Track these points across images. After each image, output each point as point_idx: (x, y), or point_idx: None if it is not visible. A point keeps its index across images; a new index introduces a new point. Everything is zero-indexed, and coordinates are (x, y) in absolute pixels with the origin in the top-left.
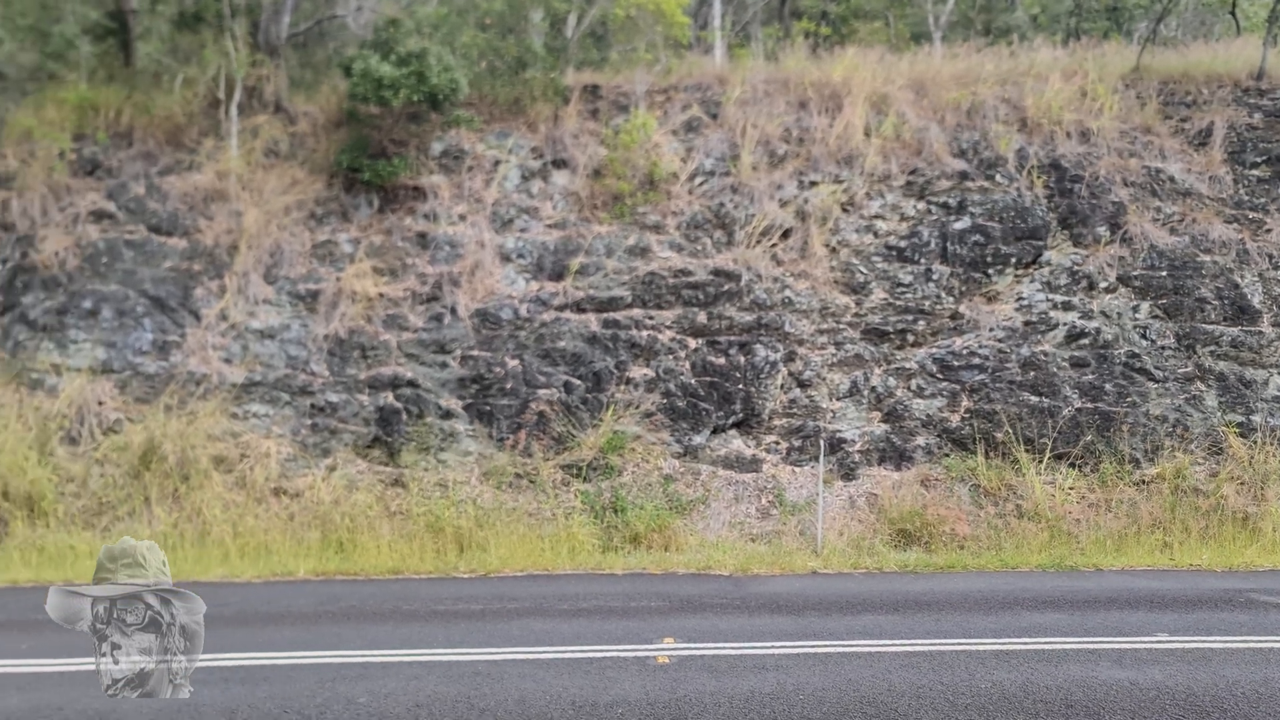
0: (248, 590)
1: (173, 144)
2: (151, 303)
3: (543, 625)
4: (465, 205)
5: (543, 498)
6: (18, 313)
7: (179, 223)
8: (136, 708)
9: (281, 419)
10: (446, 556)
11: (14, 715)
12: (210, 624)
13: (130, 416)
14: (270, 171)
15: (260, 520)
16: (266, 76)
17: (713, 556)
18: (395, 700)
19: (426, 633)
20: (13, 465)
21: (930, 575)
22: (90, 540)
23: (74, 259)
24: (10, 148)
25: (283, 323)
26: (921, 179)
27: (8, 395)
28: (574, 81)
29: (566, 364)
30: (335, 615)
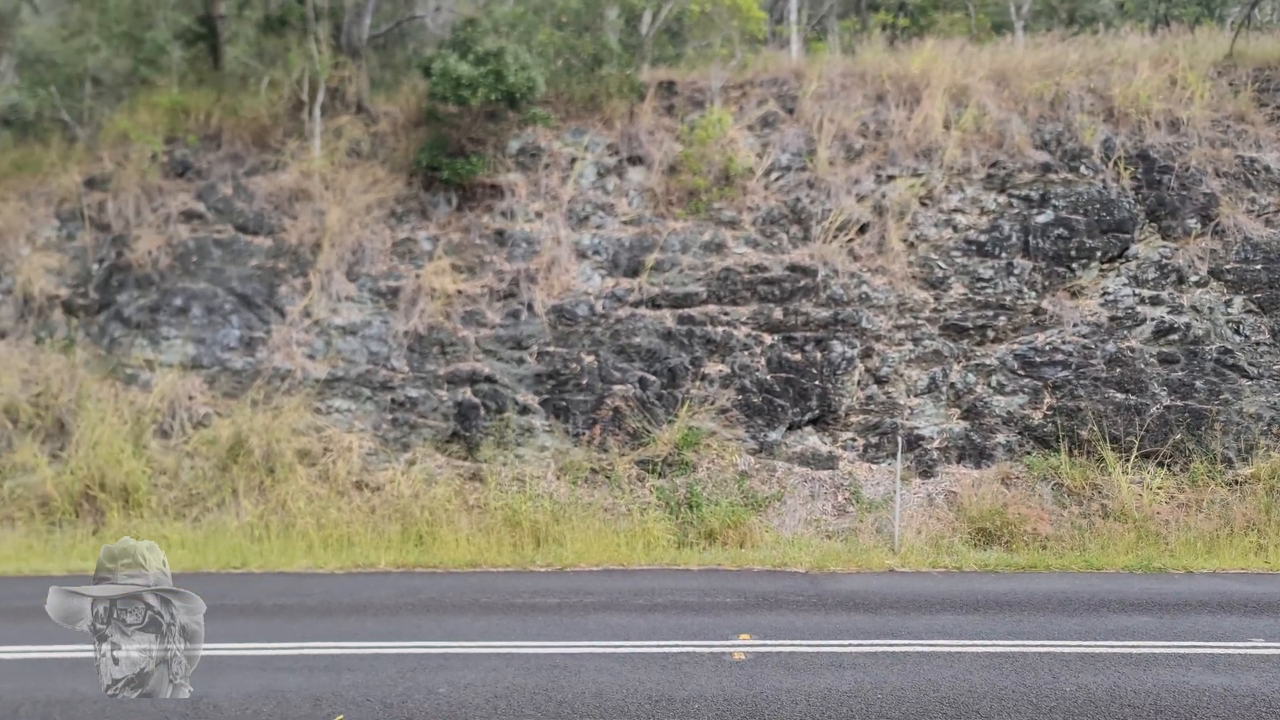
0: (331, 581)
1: (259, 145)
2: (239, 300)
3: (619, 620)
4: (542, 202)
5: (618, 493)
6: (113, 310)
7: (265, 222)
8: (228, 692)
9: (363, 414)
10: (523, 550)
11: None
12: (296, 613)
13: (219, 411)
14: (352, 171)
15: (343, 513)
16: (348, 78)
17: (788, 553)
18: (474, 691)
19: (504, 625)
20: (109, 457)
21: (1011, 575)
22: (182, 530)
23: (166, 258)
24: (106, 150)
25: (364, 319)
26: (1002, 172)
27: (104, 390)
28: (649, 78)
29: (642, 360)
30: (415, 607)
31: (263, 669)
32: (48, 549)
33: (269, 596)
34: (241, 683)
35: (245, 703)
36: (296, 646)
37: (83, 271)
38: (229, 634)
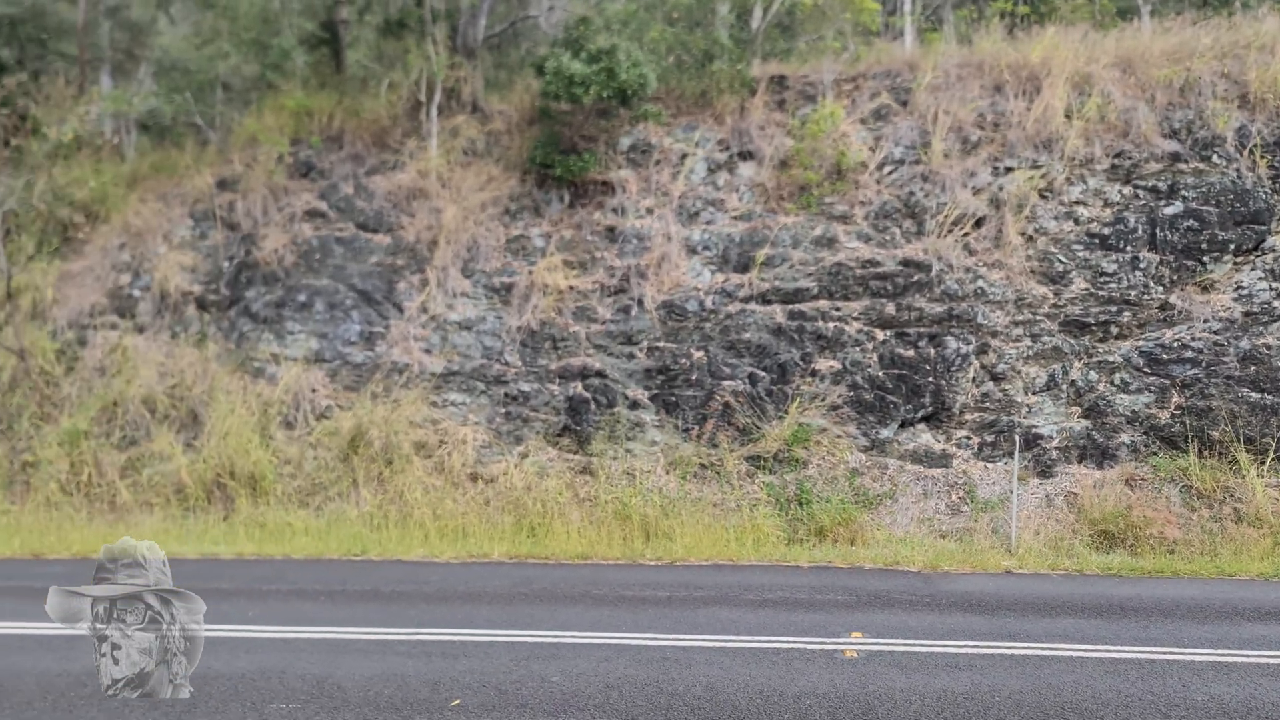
0: (447, 570)
1: (379, 145)
2: (359, 296)
3: (729, 614)
4: (652, 198)
5: (727, 489)
6: (242, 306)
7: (384, 220)
8: (350, 673)
9: (477, 407)
10: (633, 544)
11: (243, 676)
12: (413, 600)
13: (340, 403)
14: (468, 169)
15: (457, 504)
16: (464, 78)
17: (900, 552)
18: (587, 680)
19: (615, 617)
20: (238, 447)
21: (1136, 580)
22: (305, 518)
23: (291, 255)
24: (236, 153)
25: (479, 315)
26: (1128, 162)
27: (234, 383)
28: (760, 73)
29: (751, 356)
30: (528, 597)
31: (383, 653)
32: (182, 533)
33: (387, 584)
34: (363, 665)
35: (367, 684)
36: (414, 632)
37: (214, 269)
38: (350, 619)
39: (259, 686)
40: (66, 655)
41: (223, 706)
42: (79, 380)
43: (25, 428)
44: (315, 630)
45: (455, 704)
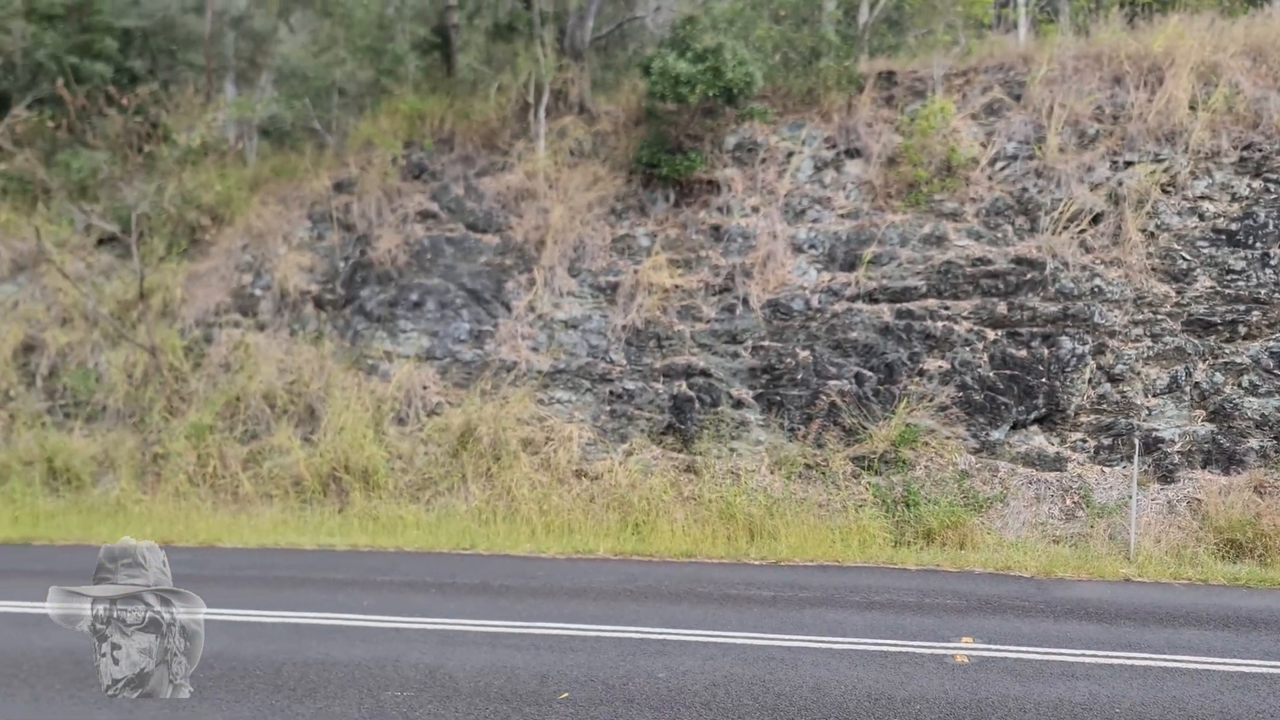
0: (553, 565)
1: (488, 147)
2: (469, 295)
3: (835, 616)
4: (758, 197)
5: (832, 489)
6: (357, 305)
7: (493, 220)
8: (461, 664)
9: (583, 405)
10: (737, 543)
11: (360, 664)
12: (521, 594)
13: (450, 400)
14: (574, 170)
15: (563, 500)
16: (571, 80)
17: (1012, 557)
18: (693, 678)
19: (720, 615)
20: (353, 442)
21: (1266, 591)
22: (416, 512)
23: (403, 255)
24: (352, 156)
25: (584, 313)
26: (1258, 154)
27: (349, 380)
28: (868, 69)
29: (858, 355)
30: (634, 593)
31: (492, 645)
32: (300, 524)
33: (495, 577)
34: (473, 656)
35: (477, 675)
36: (522, 625)
37: (331, 269)
38: (460, 610)
39: (374, 674)
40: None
41: (341, 692)
42: (205, 376)
43: (156, 421)
44: (427, 621)
45: (563, 697)
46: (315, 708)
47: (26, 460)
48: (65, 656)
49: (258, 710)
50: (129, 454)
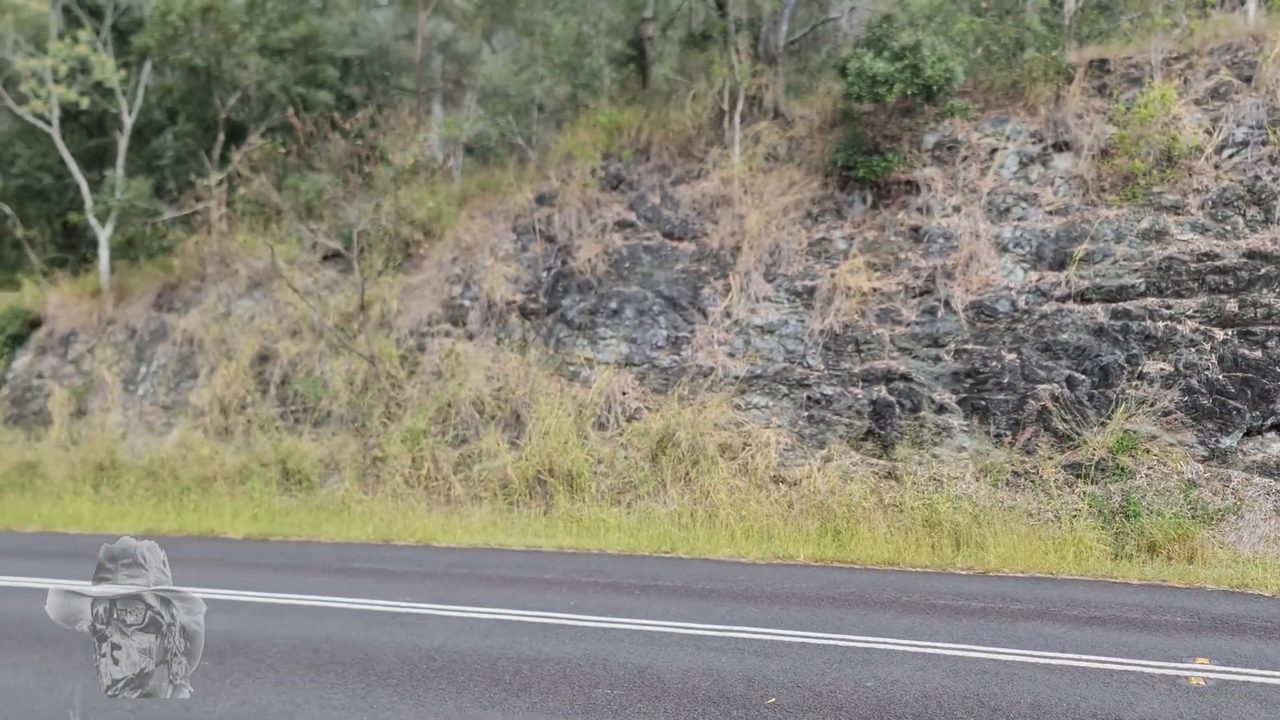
0: (753, 570)
1: (684, 155)
2: (666, 302)
3: (1051, 630)
4: (959, 196)
5: (1043, 498)
6: (559, 314)
7: (689, 228)
8: (668, 665)
9: (780, 410)
10: (942, 552)
11: (570, 661)
12: (723, 598)
13: (648, 406)
14: (769, 175)
15: (762, 506)
16: (766, 85)
17: (1249, 573)
18: (902, 688)
19: (927, 625)
20: (557, 446)
21: None
22: (618, 515)
23: (603, 264)
24: (553, 169)
25: (781, 318)
26: None
27: (552, 386)
28: (1077, 58)
29: (1069, 358)
30: (836, 600)
31: (697, 647)
32: (508, 525)
33: (697, 580)
34: (679, 658)
35: (684, 677)
36: (725, 629)
37: (534, 279)
38: (665, 612)
39: (585, 672)
40: (418, 631)
41: (554, 688)
42: (419, 383)
43: (375, 426)
44: (631, 622)
45: (771, 702)
46: (531, 701)
47: (263, 462)
48: (303, 644)
49: (478, 701)
50: (352, 457)
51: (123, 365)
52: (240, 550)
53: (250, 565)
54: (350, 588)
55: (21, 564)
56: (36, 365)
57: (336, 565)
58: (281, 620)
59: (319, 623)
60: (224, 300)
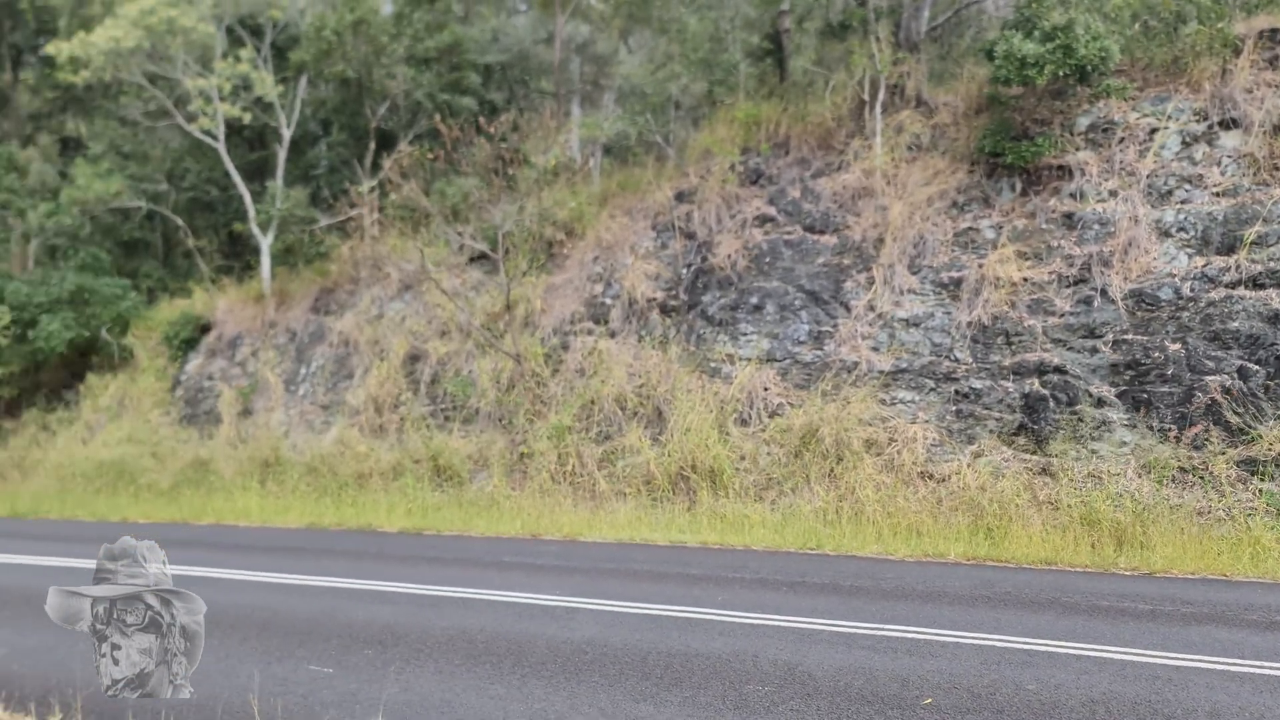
0: (902, 568)
1: (823, 148)
2: (807, 296)
3: (1228, 635)
4: (1116, 180)
5: (1214, 496)
6: (699, 310)
7: (830, 221)
8: (818, 663)
9: (927, 405)
10: (1103, 551)
11: (720, 657)
12: (872, 595)
13: (790, 401)
14: (913, 165)
15: (909, 502)
16: (907, 73)
17: None
18: (1066, 692)
19: (1090, 628)
20: (699, 443)
21: None
22: (761, 511)
23: (743, 260)
24: (691, 166)
25: (926, 311)
26: None
27: (694, 382)
28: (1245, 29)
29: (1241, 347)
30: (991, 600)
31: (847, 645)
32: (653, 521)
33: (844, 578)
34: (829, 656)
35: (835, 675)
36: (876, 627)
37: (674, 276)
38: (812, 610)
39: (735, 668)
40: (568, 624)
41: (705, 683)
42: (563, 380)
43: (521, 422)
44: (780, 618)
45: (927, 703)
46: (682, 696)
47: (415, 458)
48: (459, 635)
49: (629, 695)
50: (499, 453)
51: (284, 366)
52: (395, 544)
53: (406, 558)
54: (501, 581)
55: (199, 555)
56: (207, 367)
57: (487, 559)
58: (438, 611)
59: (473, 615)
60: (377, 303)
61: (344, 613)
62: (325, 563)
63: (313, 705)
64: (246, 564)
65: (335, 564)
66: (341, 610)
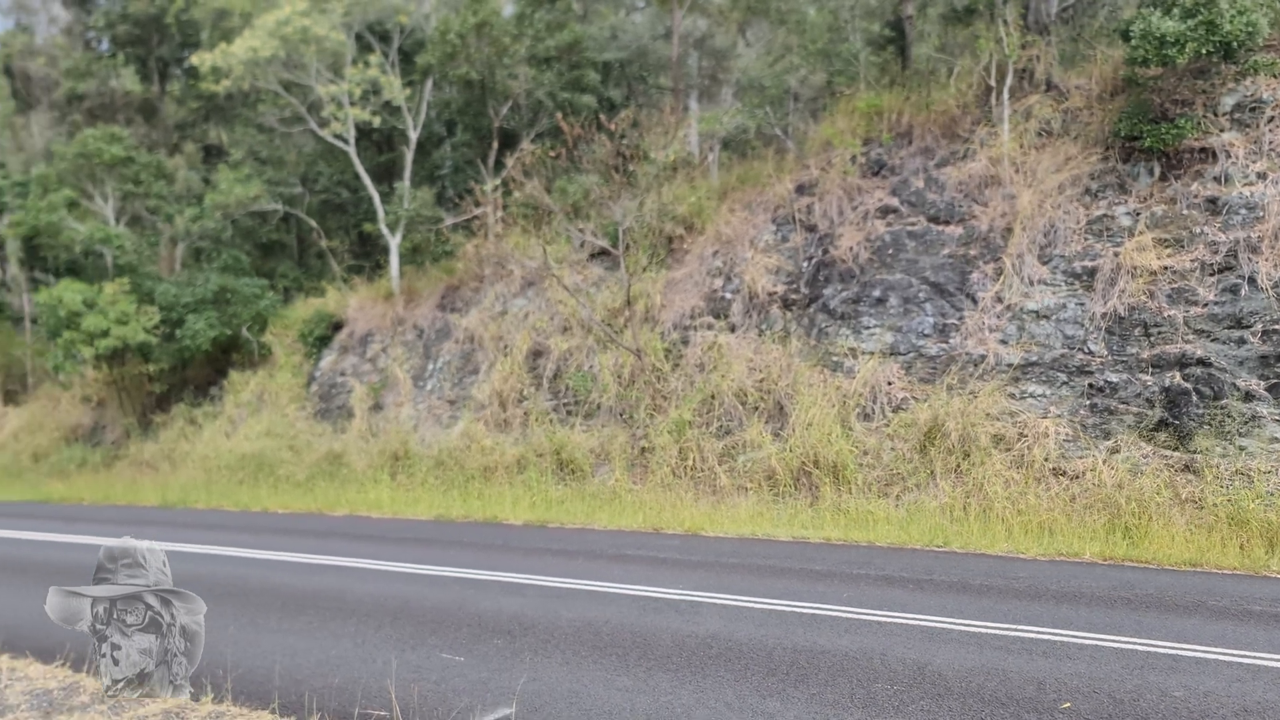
0: (1034, 567)
1: (948, 136)
2: (931, 289)
3: None
4: (1265, 161)
5: None
6: (820, 303)
7: (955, 211)
8: (948, 663)
9: (1058, 399)
10: (1253, 553)
11: (847, 654)
12: (1003, 595)
13: (915, 396)
14: (1042, 151)
15: (1040, 499)
16: (1036, 56)
17: None
18: (1216, 700)
19: (1242, 633)
20: (821, 438)
21: None
22: (885, 507)
23: (865, 252)
24: (811, 158)
25: (1058, 302)
26: None
27: (815, 376)
28: None
29: None
30: (1131, 602)
31: (979, 646)
32: (774, 516)
33: (973, 576)
34: (959, 656)
35: (967, 676)
36: (1008, 628)
37: (795, 269)
38: (940, 608)
39: (862, 666)
40: (693, 618)
41: (832, 680)
42: (683, 375)
43: (642, 417)
44: (907, 616)
45: (1065, 707)
46: (809, 693)
47: (539, 452)
48: (585, 627)
49: (756, 690)
50: (621, 447)
51: (412, 362)
52: (521, 536)
53: (531, 551)
54: (624, 574)
55: (336, 545)
56: (339, 364)
57: (610, 552)
58: (564, 603)
59: (598, 607)
60: (500, 300)
61: (473, 603)
62: (453, 554)
63: (445, 692)
64: (379, 554)
65: (463, 555)
66: (470, 600)
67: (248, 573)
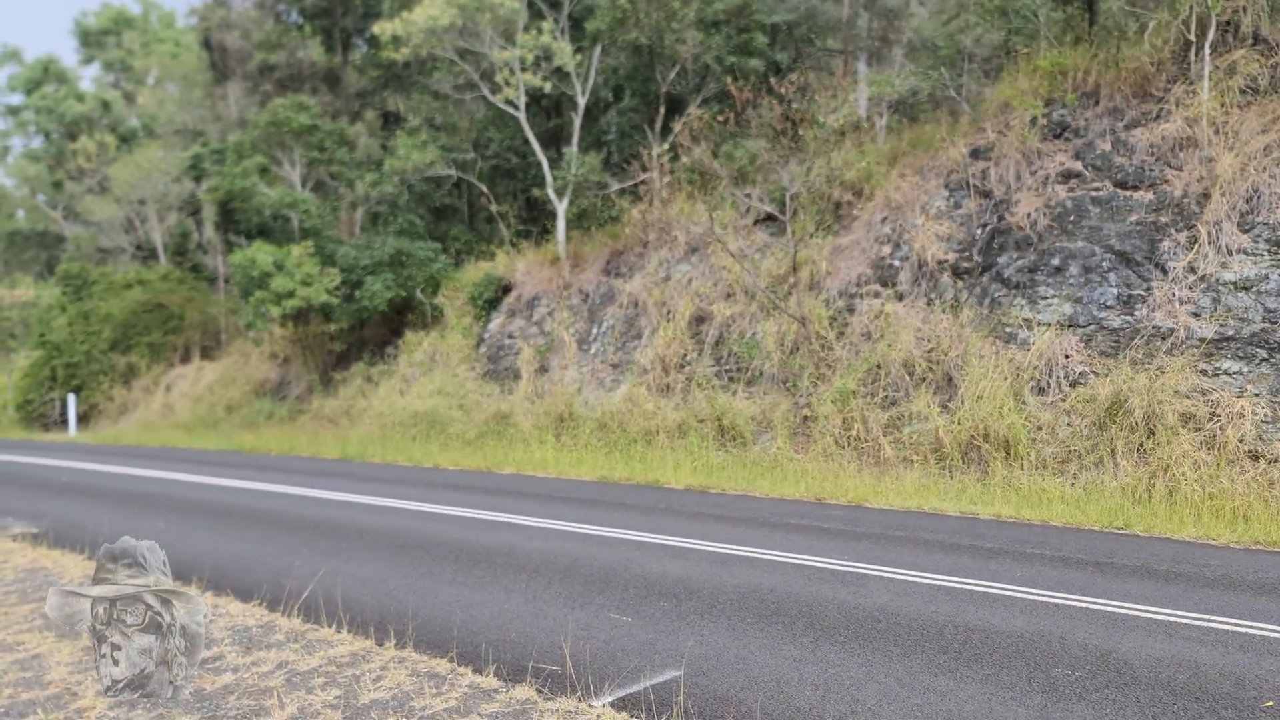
0: (1226, 555)
1: (1139, 96)
2: (1116, 257)
3: None
4: None
5: None
6: (994, 272)
7: (1145, 175)
8: (1134, 651)
9: (1257, 377)
10: None
11: (1023, 636)
12: (1193, 583)
13: (1095, 370)
14: (1246, 110)
15: (1234, 483)
16: (1243, 6)
17: None
18: None
19: None
20: (991, 411)
21: None
22: (1060, 485)
23: (1044, 219)
24: (988, 121)
25: (1260, 273)
26: None
27: (986, 348)
28: None
29: None
30: None
31: (1167, 635)
32: (941, 490)
33: (1159, 561)
34: (1146, 644)
35: (1155, 666)
36: (1200, 618)
37: (967, 236)
38: (1123, 594)
39: (1040, 649)
40: (859, 590)
41: (1007, 662)
42: (848, 344)
43: (805, 385)
44: (1086, 600)
45: (1269, 705)
46: (984, 673)
47: (700, 418)
48: (750, 593)
49: (927, 667)
50: (783, 415)
51: (577, 326)
52: (682, 500)
53: (693, 515)
54: (788, 543)
55: (506, 502)
56: (508, 326)
57: (773, 520)
58: (728, 569)
59: (762, 574)
60: (664, 265)
61: (638, 564)
62: (617, 515)
63: (614, 651)
64: (546, 513)
65: (626, 517)
66: (636, 561)
67: (424, 526)
